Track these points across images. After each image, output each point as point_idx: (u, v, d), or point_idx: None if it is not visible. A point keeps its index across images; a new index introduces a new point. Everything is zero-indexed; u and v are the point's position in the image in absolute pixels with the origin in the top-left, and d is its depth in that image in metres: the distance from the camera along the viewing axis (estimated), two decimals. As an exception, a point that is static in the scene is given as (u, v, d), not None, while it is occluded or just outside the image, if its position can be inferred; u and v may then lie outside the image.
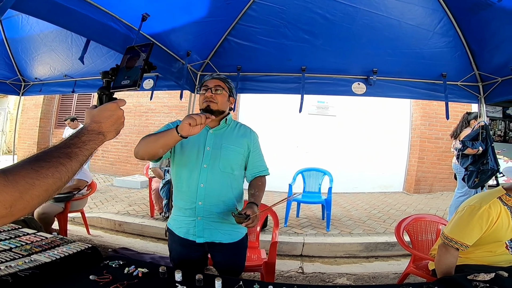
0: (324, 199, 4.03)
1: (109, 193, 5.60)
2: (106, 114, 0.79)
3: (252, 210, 1.39)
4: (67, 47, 2.94)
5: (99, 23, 1.88)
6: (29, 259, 1.34)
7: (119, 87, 0.82)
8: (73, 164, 0.66)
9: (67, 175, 0.64)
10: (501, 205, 1.59)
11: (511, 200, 1.61)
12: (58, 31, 2.68)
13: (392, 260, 3.28)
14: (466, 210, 1.65)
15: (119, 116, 0.82)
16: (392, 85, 3.12)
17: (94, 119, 0.78)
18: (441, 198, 5.90)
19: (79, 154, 0.69)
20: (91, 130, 0.76)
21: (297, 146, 6.36)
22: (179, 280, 1.24)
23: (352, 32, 2.50)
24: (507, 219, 1.59)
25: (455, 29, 2.44)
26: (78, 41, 2.77)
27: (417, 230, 2.43)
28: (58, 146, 0.68)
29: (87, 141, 0.73)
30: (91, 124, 0.77)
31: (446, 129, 5.87)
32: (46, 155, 0.63)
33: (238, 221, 1.35)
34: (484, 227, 1.57)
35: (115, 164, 7.46)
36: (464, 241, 1.58)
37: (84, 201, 3.76)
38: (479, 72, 2.92)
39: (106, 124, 0.79)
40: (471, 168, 3.49)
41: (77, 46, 2.84)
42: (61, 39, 2.84)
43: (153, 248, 3.40)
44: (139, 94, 6.89)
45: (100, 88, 0.84)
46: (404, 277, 2.21)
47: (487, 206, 1.58)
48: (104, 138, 0.78)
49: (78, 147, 0.70)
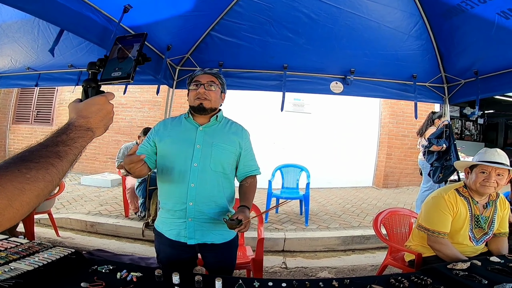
0: (302, 195, 4.12)
1: (76, 193, 5.28)
2: (94, 108, 0.72)
3: (244, 214, 1.37)
4: (33, 38, 2.69)
5: (76, 13, 1.74)
6: (8, 267, 1.23)
7: (109, 79, 0.75)
8: (63, 165, 0.59)
9: (58, 177, 0.57)
10: (457, 195, 1.81)
11: (467, 192, 1.82)
12: (23, 21, 2.45)
13: (368, 253, 3.45)
14: (432, 202, 1.85)
15: (109, 110, 0.75)
16: (367, 85, 3.25)
17: (81, 114, 0.70)
18: (407, 193, 6.29)
19: (69, 153, 0.61)
20: (79, 126, 0.68)
21: (274, 142, 6.42)
22: (177, 282, 1.21)
23: (334, 32, 2.56)
24: (465, 209, 1.79)
25: (428, 33, 2.60)
26: (46, 33, 2.55)
27: (392, 223, 2.54)
28: (45, 144, 0.60)
29: (76, 138, 0.65)
30: (78, 119, 0.69)
31: (412, 127, 6.27)
32: (33, 155, 0.56)
33: (231, 227, 1.33)
34: (451, 214, 1.77)
35: (81, 161, 7.02)
36: (443, 230, 1.76)
37: (52, 201, 3.53)
38: (445, 74, 3.14)
39: (94, 119, 0.71)
40: (436, 164, 3.76)
41: (44, 37, 2.62)
42: (27, 30, 2.59)
43: (131, 249, 3.27)
44: (109, 88, 6.48)
45: (85, 80, 0.77)
46: (383, 269, 2.32)
47: (446, 196, 1.79)
48: (93, 135, 0.71)
49: (68, 145, 0.62)
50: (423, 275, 1.34)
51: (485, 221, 1.80)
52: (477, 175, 1.76)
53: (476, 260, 1.51)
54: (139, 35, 0.83)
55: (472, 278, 1.29)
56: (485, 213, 1.81)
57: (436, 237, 1.77)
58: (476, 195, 1.81)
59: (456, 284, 1.26)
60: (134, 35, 0.84)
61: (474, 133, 9.41)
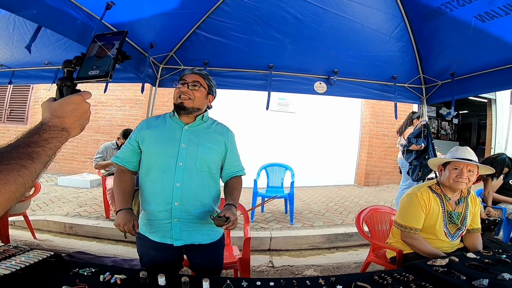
0: (287, 194, 4.16)
1: (53, 194, 5.08)
2: (70, 107, 0.70)
3: (231, 212, 1.37)
4: (8, 34, 2.57)
5: (55, 9, 1.67)
6: (-18, 272, 1.17)
7: (86, 78, 0.73)
8: (36, 167, 0.57)
9: (31, 179, 0.55)
10: (430, 192, 1.90)
11: (439, 189, 1.92)
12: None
13: (351, 250, 3.52)
14: (406, 199, 1.94)
15: (85, 110, 0.73)
16: (350, 85, 3.31)
17: (55, 114, 0.68)
18: (387, 191, 6.48)
19: (42, 154, 0.59)
20: (53, 126, 0.66)
21: (259, 141, 6.44)
22: (162, 284, 1.19)
23: (319, 33, 2.59)
24: (437, 205, 1.88)
25: (409, 35, 2.67)
26: (22, 29, 2.44)
27: (374, 221, 2.61)
28: (15, 145, 0.57)
29: (49, 139, 0.62)
30: (52, 119, 0.67)
31: (391, 126, 6.46)
32: (3, 156, 0.53)
33: (218, 224, 1.32)
34: (424, 210, 1.86)
35: (58, 161, 6.74)
36: (415, 226, 1.85)
37: (27, 203, 3.39)
38: (423, 76, 3.24)
39: (70, 119, 0.69)
40: (415, 163, 3.90)
41: (20, 34, 2.51)
42: (1, 26, 2.47)
43: (113, 250, 3.19)
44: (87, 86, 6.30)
45: (60, 78, 0.75)
46: (366, 265, 2.38)
47: (419, 193, 1.88)
48: (68, 135, 0.69)
49: (41, 146, 0.60)
50: (405, 271, 1.39)
51: (457, 216, 1.89)
52: (450, 172, 1.85)
53: (454, 256, 1.57)
54: (119, 32, 0.82)
55: (451, 274, 1.34)
56: (457, 209, 1.90)
57: (408, 233, 1.86)
58: (448, 191, 1.90)
59: (436, 280, 1.30)
60: (113, 32, 0.83)
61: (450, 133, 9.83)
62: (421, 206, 1.85)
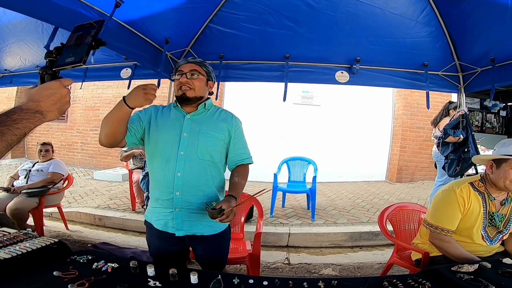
0: (309, 189, 4.04)
1: (89, 187, 5.43)
2: (46, 92, 0.76)
3: (228, 204, 1.32)
4: (38, 37, 2.75)
5: (67, 10, 1.74)
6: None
7: (63, 65, 0.79)
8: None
9: None
10: (471, 190, 1.64)
11: (483, 187, 1.66)
12: (27, 20, 2.50)
13: (376, 250, 3.32)
14: (441, 196, 1.70)
15: (63, 94, 0.78)
16: (375, 74, 3.12)
17: (31, 98, 0.74)
18: (422, 187, 6.07)
19: (6, 133, 0.64)
20: (26, 108, 0.71)
21: (282, 135, 6.35)
22: (151, 275, 1.18)
23: (335, 20, 2.45)
24: (478, 205, 1.63)
25: (438, 19, 2.45)
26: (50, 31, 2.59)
27: (399, 219, 2.42)
28: None
29: (19, 120, 0.68)
30: (27, 103, 0.73)
31: (427, 118, 5.99)
32: None
33: (211, 216, 1.28)
34: (461, 210, 1.62)
35: (95, 157, 7.22)
36: (448, 227, 1.62)
37: (61, 195, 3.62)
38: (459, 63, 2.97)
39: (46, 103, 0.75)
40: (452, 156, 3.56)
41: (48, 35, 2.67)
42: (31, 29, 2.65)
43: (135, 242, 3.32)
44: (119, 85, 6.63)
45: (41, 67, 0.82)
46: (388, 267, 2.21)
47: (459, 190, 1.63)
48: (43, 117, 0.74)
49: (6, 125, 0.65)
50: (423, 277, 1.24)
51: (500, 219, 1.64)
52: (507, 172, 1.55)
53: (486, 262, 1.37)
54: (96, 22, 0.86)
55: (477, 283, 1.17)
56: (501, 210, 1.64)
57: (438, 234, 1.64)
58: (494, 191, 1.64)
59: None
60: (91, 22, 0.86)
61: (496, 126, 8.91)
62: (459, 205, 1.61)
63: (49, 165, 3.45)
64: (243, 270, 2.57)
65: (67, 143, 7.51)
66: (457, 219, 1.63)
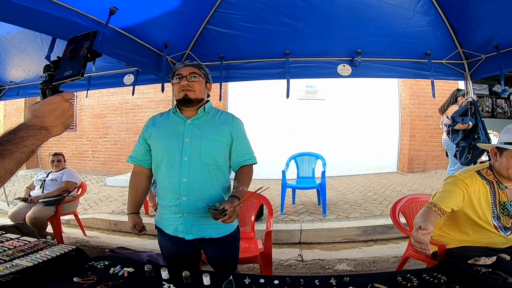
0: (318, 184, 4.02)
1: (102, 193, 5.55)
2: (49, 107, 0.75)
3: (230, 204, 1.33)
4: (38, 47, 2.81)
5: (63, 20, 1.78)
6: (10, 264, 1.29)
7: (62, 79, 0.79)
8: (6, 163, 0.62)
9: None
10: (477, 177, 1.60)
11: (492, 175, 1.61)
12: (25, 32, 2.55)
13: (391, 243, 3.27)
14: (448, 181, 1.65)
15: (65, 109, 0.77)
16: (377, 65, 3.12)
17: (35, 114, 0.74)
18: (435, 177, 5.94)
19: (14, 151, 0.64)
20: (32, 125, 0.71)
21: (288, 131, 6.33)
22: (166, 278, 1.21)
23: (333, 13, 2.45)
24: (486, 193, 1.58)
25: (436, 8, 2.44)
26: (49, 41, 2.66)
27: (412, 212, 2.37)
28: None
29: (25, 137, 0.68)
30: (32, 119, 0.73)
31: (435, 106, 5.86)
32: None
33: (214, 217, 1.30)
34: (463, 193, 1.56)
35: (106, 163, 7.36)
36: (442, 205, 1.54)
37: (76, 202, 3.71)
38: (463, 50, 2.95)
39: (49, 118, 0.74)
40: (463, 144, 3.50)
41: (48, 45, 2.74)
42: (31, 39, 2.71)
43: (151, 245, 3.37)
44: (123, 91, 6.74)
45: (42, 82, 0.81)
46: (404, 261, 2.17)
47: (464, 177, 1.58)
48: (48, 133, 0.74)
49: (14, 144, 0.65)
50: (438, 271, 1.21)
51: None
52: (508, 161, 1.50)
53: (504, 254, 1.32)
54: (89, 33, 0.85)
55: (496, 276, 1.12)
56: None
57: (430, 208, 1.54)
58: (504, 180, 1.58)
59: (475, 283, 1.11)
60: (84, 34, 0.86)
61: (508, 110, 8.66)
62: (461, 188, 1.55)
63: (63, 175, 3.54)
64: (256, 269, 2.59)
65: (78, 151, 7.68)
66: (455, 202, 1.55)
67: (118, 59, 2.52)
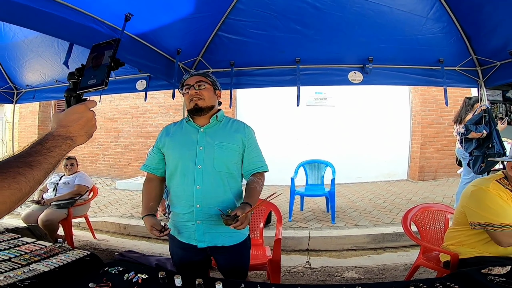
0: (327, 191, 3.99)
1: (112, 197, 5.61)
2: (74, 117, 0.74)
3: (242, 211, 1.34)
4: (54, 52, 2.87)
5: (79, 26, 1.82)
6: (28, 268, 1.32)
7: (86, 87, 0.77)
8: (35, 174, 0.62)
9: (28, 185, 0.60)
10: (500, 186, 1.58)
11: (509, 184, 1.59)
12: (42, 36, 2.60)
13: (401, 251, 3.23)
14: (478, 195, 1.61)
15: (89, 118, 0.77)
16: (389, 72, 3.08)
17: (60, 123, 0.73)
18: (446, 185, 5.84)
19: (42, 162, 0.64)
20: (58, 135, 0.71)
21: (297, 138, 6.31)
22: (179, 285, 1.21)
23: (343, 20, 2.45)
24: (510, 201, 1.56)
25: (449, 15, 2.41)
26: (65, 45, 2.71)
27: (424, 220, 2.34)
28: (18, 155, 0.63)
29: (52, 148, 0.67)
30: (58, 129, 0.72)
31: (447, 113, 5.81)
32: (3, 165, 0.59)
33: (226, 223, 1.31)
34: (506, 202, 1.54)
35: (116, 167, 7.46)
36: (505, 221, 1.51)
37: (87, 206, 3.77)
38: (476, 57, 2.90)
39: (74, 127, 0.73)
40: (476, 153, 3.42)
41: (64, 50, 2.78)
42: (47, 44, 2.77)
43: (159, 249, 3.39)
44: (135, 96, 6.85)
45: (66, 90, 0.80)
46: (414, 270, 2.14)
47: (490, 188, 1.56)
48: (73, 143, 0.73)
49: (42, 154, 0.65)
50: (451, 280, 1.18)
51: None
52: None
53: None
54: (112, 41, 0.84)
55: (509, 286, 1.10)
56: None
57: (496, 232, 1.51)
58: None
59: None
60: (107, 42, 0.85)
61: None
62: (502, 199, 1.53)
63: (75, 178, 3.60)
64: (263, 275, 2.58)
65: (90, 155, 7.81)
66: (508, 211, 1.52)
67: (132, 65, 2.56)
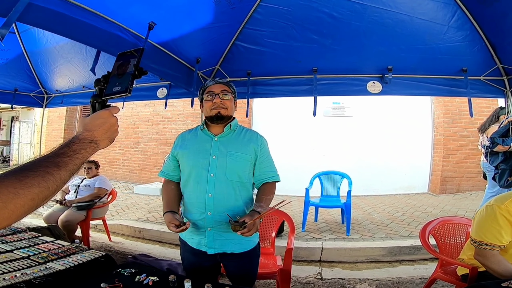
0: (343, 203, 3.91)
1: (130, 201, 5.75)
2: (98, 122, 0.78)
3: (250, 218, 1.35)
4: (83, 58, 3.02)
5: (106, 33, 1.92)
6: (44, 266, 1.37)
7: (111, 94, 0.81)
8: (61, 174, 0.66)
9: (55, 184, 0.64)
10: None
11: None
12: (72, 43, 2.73)
13: (418, 264, 3.11)
14: (484, 212, 1.57)
15: (112, 123, 0.81)
16: (409, 82, 2.99)
17: (86, 128, 0.78)
18: (470, 198, 5.59)
19: (68, 163, 0.68)
20: (83, 138, 0.75)
21: (313, 149, 6.25)
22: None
23: (362, 30, 2.42)
24: None
25: (471, 23, 2.32)
26: (93, 52, 2.84)
27: (443, 234, 2.27)
28: (47, 156, 0.67)
29: (78, 150, 0.72)
30: (83, 133, 0.76)
31: (472, 125, 5.58)
32: (33, 165, 0.63)
33: (233, 229, 1.32)
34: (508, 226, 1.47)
35: (135, 172, 7.66)
36: (492, 241, 1.48)
37: (105, 208, 3.87)
38: (502, 66, 2.76)
39: (98, 132, 0.78)
40: (503, 166, 3.26)
41: (92, 57, 2.91)
42: (76, 50, 2.92)
43: (171, 254, 3.42)
44: (155, 103, 7.05)
45: (92, 96, 0.84)
46: (431, 283, 2.08)
47: (503, 206, 1.49)
48: (96, 147, 0.77)
49: (68, 156, 0.69)
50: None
51: None
52: None
53: None
54: (137, 50, 0.88)
55: None
56: None
57: (483, 250, 1.50)
58: None
59: None
60: (132, 50, 0.89)
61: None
62: (503, 221, 1.48)
63: (95, 181, 3.73)
64: (273, 285, 2.54)
65: (110, 159, 8.07)
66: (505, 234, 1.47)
67: (154, 73, 2.63)
